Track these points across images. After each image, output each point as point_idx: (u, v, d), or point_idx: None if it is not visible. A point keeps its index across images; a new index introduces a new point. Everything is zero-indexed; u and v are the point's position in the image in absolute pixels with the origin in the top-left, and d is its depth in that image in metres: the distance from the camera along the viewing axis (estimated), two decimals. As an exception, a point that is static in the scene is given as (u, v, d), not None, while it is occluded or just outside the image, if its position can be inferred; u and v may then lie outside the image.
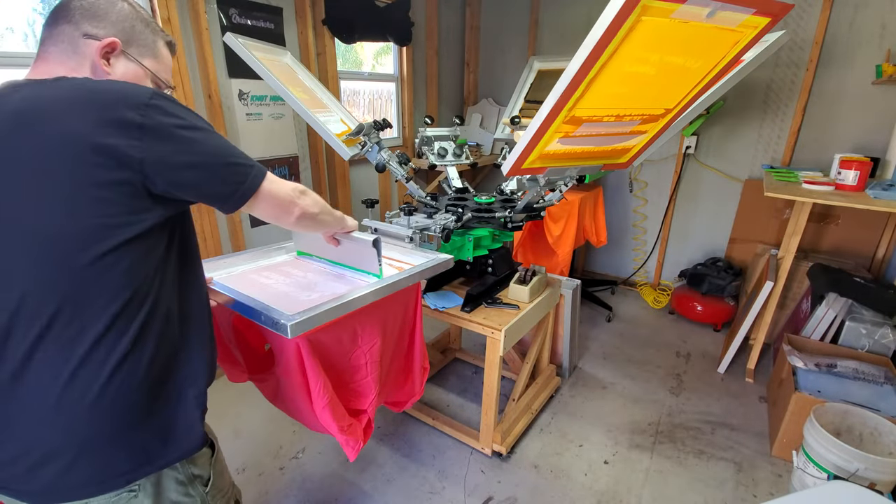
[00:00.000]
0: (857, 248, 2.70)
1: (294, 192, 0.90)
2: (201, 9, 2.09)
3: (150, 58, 0.85)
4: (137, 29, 0.83)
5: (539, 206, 1.86)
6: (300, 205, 0.91)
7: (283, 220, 0.90)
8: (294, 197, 0.90)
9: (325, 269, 1.44)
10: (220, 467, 0.92)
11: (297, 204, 0.90)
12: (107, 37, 0.78)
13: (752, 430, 2.10)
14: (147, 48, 0.85)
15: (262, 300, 1.09)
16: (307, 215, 0.94)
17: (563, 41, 3.43)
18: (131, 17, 0.82)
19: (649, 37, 0.99)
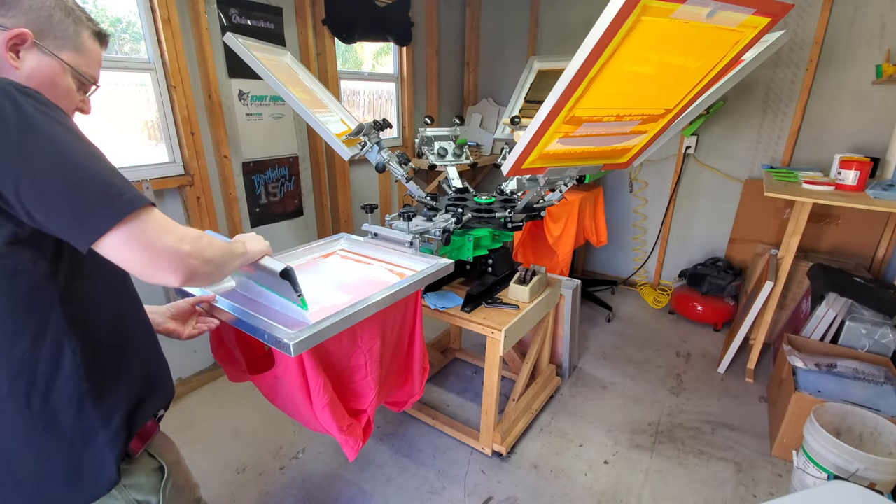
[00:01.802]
0: (857, 248, 2.70)
1: (182, 242, 0.68)
2: (201, 9, 2.09)
3: (69, 51, 0.75)
4: (56, 18, 0.73)
5: (539, 206, 1.86)
6: (185, 264, 0.68)
7: (161, 278, 0.67)
8: (179, 250, 0.67)
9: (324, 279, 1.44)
10: (176, 490, 0.86)
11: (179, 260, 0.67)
12: (16, 27, 0.69)
13: (752, 430, 2.10)
14: (66, 40, 0.75)
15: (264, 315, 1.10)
16: (199, 275, 0.72)
17: (563, 41, 3.43)
18: (49, 5, 0.72)
19: (649, 37, 0.99)
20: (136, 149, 2.09)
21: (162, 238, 0.65)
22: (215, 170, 2.33)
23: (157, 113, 2.09)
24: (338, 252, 1.68)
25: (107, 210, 0.62)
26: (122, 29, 1.99)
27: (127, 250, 0.64)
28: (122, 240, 0.63)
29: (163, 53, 2.02)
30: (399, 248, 1.62)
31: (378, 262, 1.56)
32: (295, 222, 2.82)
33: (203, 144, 2.23)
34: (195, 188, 2.21)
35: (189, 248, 0.68)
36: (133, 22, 2.00)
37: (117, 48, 2.00)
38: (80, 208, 0.61)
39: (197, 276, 0.70)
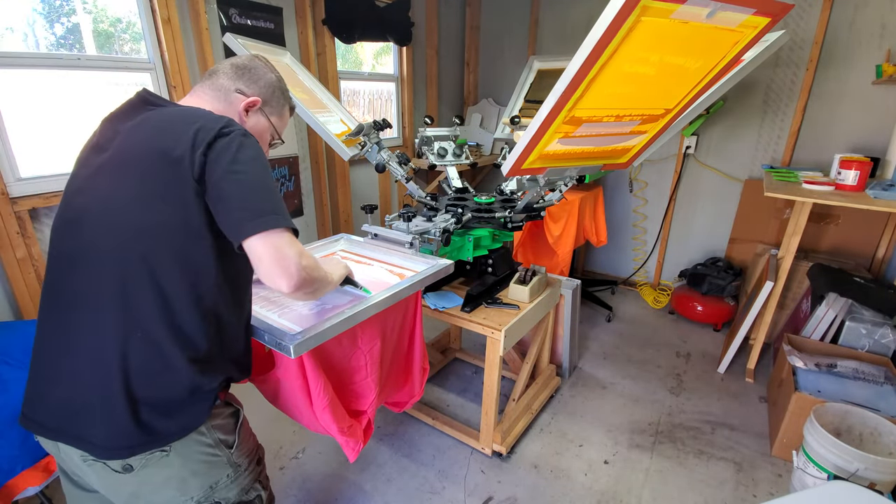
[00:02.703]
0: (857, 248, 2.70)
1: (302, 257, 0.86)
2: (201, 9, 2.09)
3: (276, 117, 1.07)
4: (276, 95, 1.06)
5: (539, 206, 1.86)
6: (301, 276, 0.84)
7: (277, 282, 0.83)
8: (300, 264, 0.85)
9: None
10: (245, 433, 1.03)
11: (298, 273, 0.84)
12: (253, 95, 1.01)
13: (752, 430, 2.10)
14: (277, 109, 1.07)
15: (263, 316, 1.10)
16: (305, 288, 0.87)
17: (563, 41, 3.43)
18: (274, 85, 1.05)
19: (649, 37, 0.99)
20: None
21: (289, 252, 0.83)
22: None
23: (157, 113, 2.09)
24: (338, 252, 1.68)
25: (263, 220, 0.82)
26: (122, 29, 2.00)
27: (264, 250, 0.81)
28: (263, 244, 0.81)
29: (163, 53, 2.02)
30: (399, 249, 1.62)
31: (378, 262, 1.56)
32: (295, 222, 2.81)
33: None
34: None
35: (305, 262, 0.86)
36: (133, 22, 2.00)
37: (117, 48, 2.00)
38: (245, 213, 0.81)
39: (303, 288, 0.86)
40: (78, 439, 0.84)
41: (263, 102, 1.03)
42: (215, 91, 0.99)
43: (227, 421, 0.97)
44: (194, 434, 0.89)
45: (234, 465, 0.97)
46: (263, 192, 0.84)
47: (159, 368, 0.84)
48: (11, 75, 1.70)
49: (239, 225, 0.82)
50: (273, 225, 0.82)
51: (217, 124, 0.84)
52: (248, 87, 1.01)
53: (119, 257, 0.81)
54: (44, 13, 1.78)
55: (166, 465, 0.87)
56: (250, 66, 1.02)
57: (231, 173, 0.82)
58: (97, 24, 1.92)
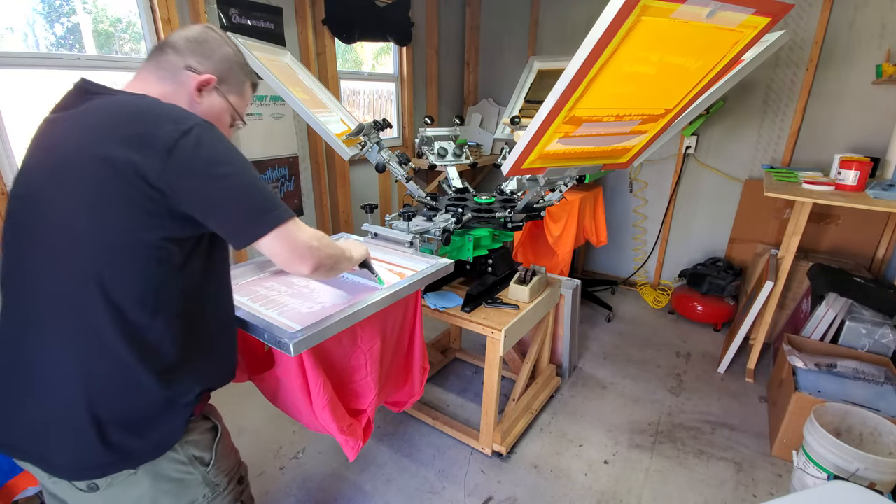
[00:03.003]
0: (857, 248, 2.70)
1: (313, 239, 0.88)
2: (201, 9, 2.09)
3: (235, 95, 0.96)
4: (233, 70, 0.94)
5: (539, 206, 1.86)
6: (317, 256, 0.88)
7: (297, 268, 0.87)
8: (313, 246, 0.87)
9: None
10: (224, 450, 0.96)
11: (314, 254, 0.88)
12: (206, 73, 0.89)
13: (752, 430, 2.10)
14: (236, 87, 0.96)
15: (263, 315, 1.10)
16: (323, 266, 0.91)
17: (563, 41, 3.43)
18: (231, 60, 0.93)
19: (649, 37, 0.99)
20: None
21: (301, 238, 0.85)
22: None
23: (157, 113, 2.09)
24: None
25: (267, 218, 0.81)
26: (122, 29, 2.00)
27: (278, 246, 0.83)
28: (276, 240, 0.82)
29: (163, 53, 2.02)
30: (399, 248, 1.62)
31: (378, 262, 1.56)
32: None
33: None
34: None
35: (317, 244, 0.88)
36: (133, 22, 2.00)
37: (117, 48, 2.00)
38: (248, 217, 0.80)
39: (321, 268, 0.89)
40: (43, 461, 0.80)
41: (219, 80, 0.91)
42: (162, 70, 0.88)
43: (203, 437, 0.91)
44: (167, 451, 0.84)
45: (210, 484, 0.91)
46: (255, 189, 0.81)
47: (125, 384, 0.79)
48: (11, 75, 1.71)
49: (243, 231, 0.80)
50: (278, 220, 0.81)
51: (168, 123, 0.74)
52: (200, 64, 0.89)
53: (65, 270, 0.75)
54: (44, 13, 1.78)
55: (134, 483, 0.82)
56: (202, 39, 0.90)
57: (213, 179, 0.76)
58: (97, 24, 1.92)
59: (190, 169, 0.74)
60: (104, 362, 0.77)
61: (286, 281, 1.40)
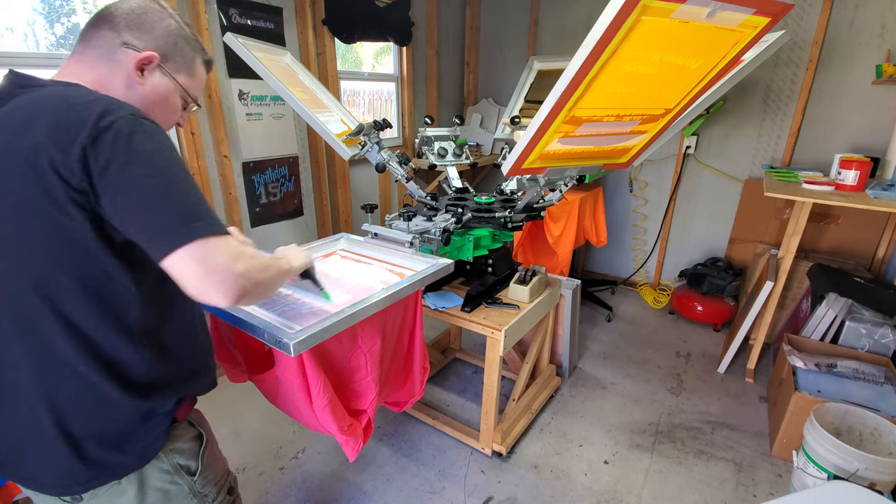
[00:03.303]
0: (857, 248, 2.70)
1: (237, 261, 0.70)
2: (201, 9, 2.09)
3: (184, 74, 0.86)
4: (179, 45, 0.84)
5: (539, 206, 1.86)
6: (241, 284, 0.70)
7: (211, 298, 0.69)
8: (237, 271, 0.70)
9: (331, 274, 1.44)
10: (211, 458, 0.92)
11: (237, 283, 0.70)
12: (146, 49, 0.79)
13: (752, 430, 2.10)
14: (184, 65, 0.85)
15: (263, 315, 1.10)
16: (249, 296, 0.74)
17: (563, 41, 3.43)
18: (175, 34, 0.83)
19: (649, 37, 0.99)
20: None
21: (218, 258, 0.69)
22: (215, 169, 2.33)
23: (157, 113, 2.09)
24: (338, 252, 1.68)
25: (182, 230, 0.67)
26: (122, 29, 2.00)
27: (188, 267, 0.67)
28: (186, 259, 0.67)
29: (163, 53, 2.02)
30: (399, 248, 1.62)
31: (378, 262, 1.56)
32: (295, 222, 2.82)
33: (203, 144, 2.23)
34: (195, 188, 2.21)
35: (242, 267, 0.71)
36: (133, 22, 2.00)
37: (117, 48, 2.00)
38: (157, 226, 0.68)
39: (245, 297, 0.73)
40: (25, 478, 0.79)
41: (163, 57, 0.81)
42: (96, 49, 0.78)
43: (188, 445, 0.87)
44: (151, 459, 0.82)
45: (198, 494, 0.88)
46: (170, 197, 0.68)
47: (94, 401, 0.75)
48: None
49: (151, 245, 0.68)
50: (190, 236, 0.67)
51: (87, 115, 0.66)
52: (139, 39, 0.78)
53: (11, 284, 0.70)
54: (44, 13, 1.78)
55: (118, 494, 0.79)
56: (141, 11, 0.80)
57: (129, 180, 0.66)
58: (97, 23, 1.92)
59: (105, 169, 0.65)
60: (66, 380, 0.73)
61: None
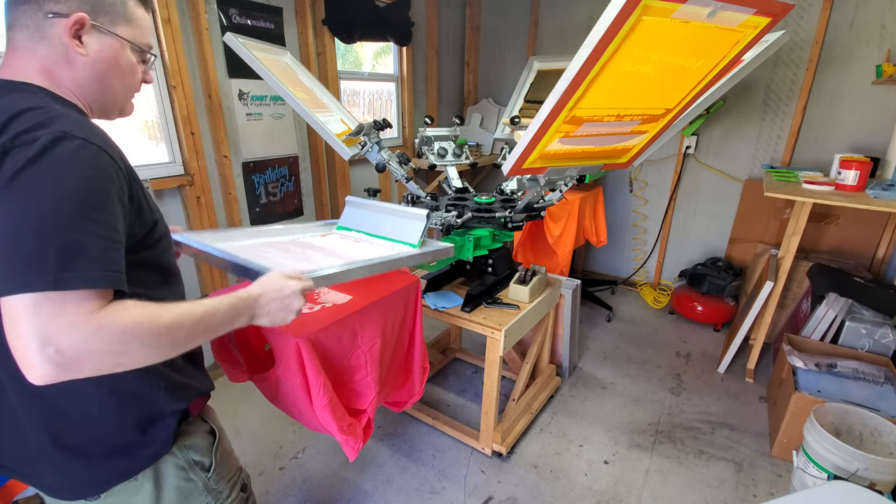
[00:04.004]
0: (857, 248, 2.70)
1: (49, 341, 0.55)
2: (201, 9, 2.09)
3: (123, 24, 0.75)
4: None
5: (539, 206, 1.86)
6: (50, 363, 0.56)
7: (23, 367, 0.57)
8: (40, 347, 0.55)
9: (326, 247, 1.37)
10: (224, 455, 0.92)
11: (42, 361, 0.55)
12: (73, 12, 0.69)
13: (752, 430, 2.10)
14: (117, 14, 0.74)
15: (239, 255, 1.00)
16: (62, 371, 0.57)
17: (563, 41, 3.43)
18: None
19: (650, 37, 0.99)
20: (136, 149, 2.09)
21: (25, 327, 0.55)
22: (215, 170, 2.33)
23: (157, 113, 2.09)
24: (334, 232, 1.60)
25: (29, 273, 0.56)
26: (122, 29, 1.99)
27: (22, 335, 0.55)
28: (22, 317, 0.55)
29: (163, 53, 2.02)
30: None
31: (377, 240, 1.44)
32: (295, 223, 2.82)
33: (203, 144, 2.23)
34: (195, 188, 2.21)
35: (61, 344, 0.56)
36: (133, 22, 2.00)
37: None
38: (6, 264, 0.57)
39: (58, 376, 0.57)
40: (39, 485, 0.80)
41: (93, 14, 0.71)
42: (26, 29, 0.69)
43: (202, 440, 0.87)
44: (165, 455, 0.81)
45: (212, 491, 0.87)
46: (23, 236, 0.57)
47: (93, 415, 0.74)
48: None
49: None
50: (25, 287, 0.55)
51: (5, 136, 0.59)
52: (60, 3, 0.68)
53: None
54: None
55: (135, 491, 0.79)
56: None
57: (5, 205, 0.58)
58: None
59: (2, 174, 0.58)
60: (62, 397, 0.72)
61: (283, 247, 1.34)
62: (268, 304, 0.80)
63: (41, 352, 0.55)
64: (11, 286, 0.56)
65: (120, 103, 0.81)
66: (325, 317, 1.19)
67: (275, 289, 0.80)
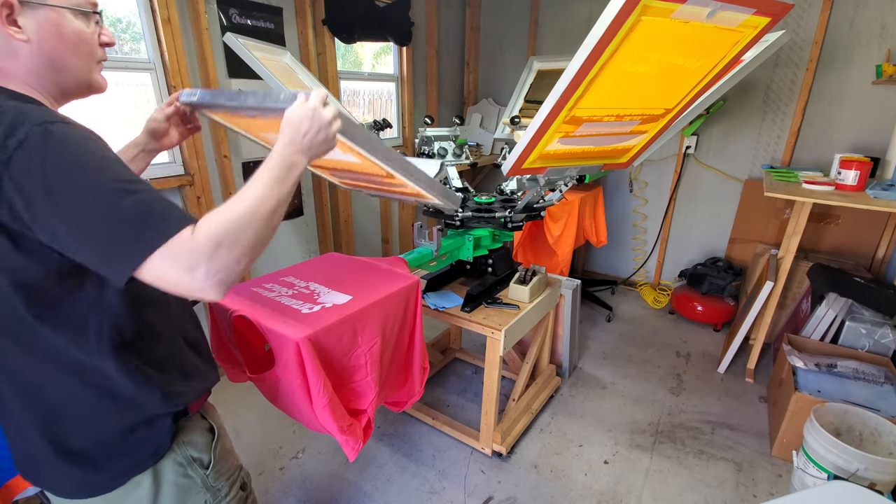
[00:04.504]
0: (857, 248, 2.70)
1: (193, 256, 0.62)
2: (201, 9, 2.09)
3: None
4: None
5: (539, 206, 1.86)
6: (215, 271, 0.63)
7: (201, 296, 0.64)
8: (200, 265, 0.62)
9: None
10: (223, 452, 0.92)
11: (208, 273, 0.63)
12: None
13: (752, 430, 2.10)
14: None
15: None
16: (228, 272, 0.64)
17: (563, 41, 3.43)
18: None
19: (649, 37, 0.99)
20: (136, 149, 2.09)
21: (171, 271, 0.62)
22: (215, 170, 2.33)
23: (157, 113, 2.09)
24: None
25: (137, 246, 0.60)
26: (122, 29, 1.99)
27: (164, 277, 0.62)
28: (158, 267, 0.61)
29: (163, 53, 2.02)
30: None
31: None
32: (295, 222, 2.82)
33: (203, 144, 2.23)
34: (195, 188, 2.21)
35: (205, 270, 0.62)
36: (133, 22, 2.00)
37: (117, 48, 2.00)
38: (106, 247, 0.61)
39: (231, 282, 0.65)
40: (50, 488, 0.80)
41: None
42: None
43: (201, 437, 0.87)
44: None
45: (211, 488, 0.87)
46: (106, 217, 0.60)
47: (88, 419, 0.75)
48: None
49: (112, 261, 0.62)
50: (140, 255, 0.60)
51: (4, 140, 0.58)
52: None
53: None
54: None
55: (134, 486, 0.80)
56: None
57: (60, 210, 0.59)
58: (97, 23, 1.92)
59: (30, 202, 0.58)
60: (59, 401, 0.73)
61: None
62: (311, 137, 0.76)
63: (196, 280, 0.62)
64: (137, 254, 0.60)
65: (84, 78, 0.75)
66: (325, 317, 1.19)
67: (306, 118, 0.75)
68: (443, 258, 1.84)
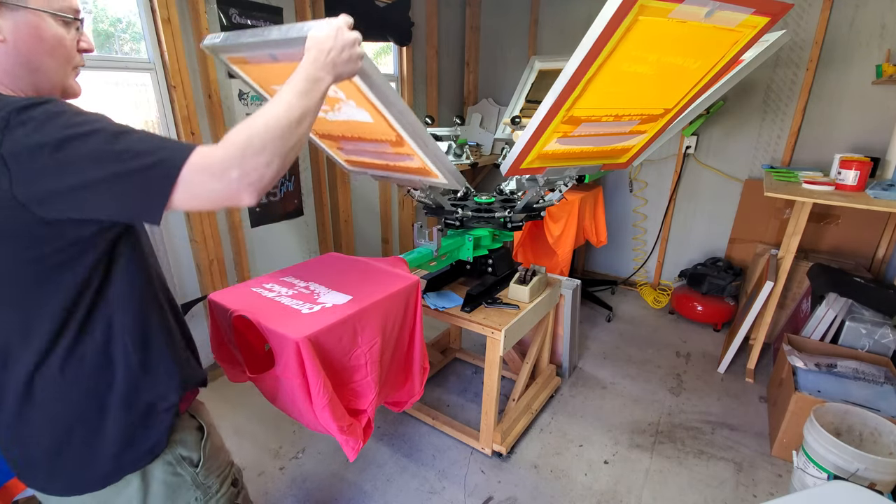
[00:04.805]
0: (857, 248, 2.70)
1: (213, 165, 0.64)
2: (201, 9, 2.09)
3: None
4: None
5: (539, 206, 1.86)
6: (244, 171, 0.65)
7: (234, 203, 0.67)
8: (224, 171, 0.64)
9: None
10: (213, 450, 0.92)
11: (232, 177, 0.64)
12: None
13: (752, 430, 2.10)
14: None
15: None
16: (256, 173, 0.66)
17: (564, 41, 3.43)
18: None
19: (647, 37, 0.99)
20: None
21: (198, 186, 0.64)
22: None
23: (157, 113, 2.10)
24: None
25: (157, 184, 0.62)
26: (122, 29, 2.00)
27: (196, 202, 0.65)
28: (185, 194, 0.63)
29: (163, 53, 2.03)
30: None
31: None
32: (295, 222, 2.82)
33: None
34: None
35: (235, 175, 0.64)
36: (133, 22, 2.00)
37: (117, 48, 2.00)
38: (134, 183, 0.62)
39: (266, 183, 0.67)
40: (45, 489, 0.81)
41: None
42: None
43: (190, 435, 0.87)
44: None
45: (201, 486, 0.87)
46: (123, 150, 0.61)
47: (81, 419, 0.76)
48: None
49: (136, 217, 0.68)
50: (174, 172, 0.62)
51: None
52: None
53: None
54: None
55: (123, 485, 0.80)
56: None
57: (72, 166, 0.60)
58: (97, 23, 1.92)
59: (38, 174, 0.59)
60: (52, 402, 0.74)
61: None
62: (335, 55, 0.78)
63: (232, 183, 0.64)
64: (171, 166, 0.61)
65: (58, 82, 0.74)
66: (325, 317, 1.19)
67: (330, 37, 0.79)
68: (443, 258, 1.84)
